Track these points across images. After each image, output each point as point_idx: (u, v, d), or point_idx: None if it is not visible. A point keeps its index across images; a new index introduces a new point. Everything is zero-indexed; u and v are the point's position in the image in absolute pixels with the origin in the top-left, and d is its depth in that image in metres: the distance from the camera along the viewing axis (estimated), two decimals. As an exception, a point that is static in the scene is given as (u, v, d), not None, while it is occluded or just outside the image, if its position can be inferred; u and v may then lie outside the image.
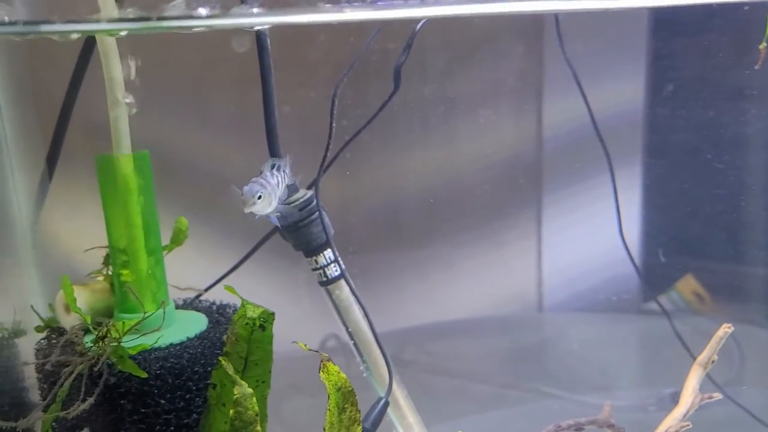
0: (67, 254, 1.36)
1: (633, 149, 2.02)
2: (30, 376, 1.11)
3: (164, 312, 1.02)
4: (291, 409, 1.62)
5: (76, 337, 0.93)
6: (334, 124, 1.17)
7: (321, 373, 0.90)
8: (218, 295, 1.27)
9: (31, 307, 1.08)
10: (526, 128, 2.05)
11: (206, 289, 1.23)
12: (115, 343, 0.90)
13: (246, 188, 1.00)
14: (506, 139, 2.05)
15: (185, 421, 1.04)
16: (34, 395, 1.08)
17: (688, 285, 2.00)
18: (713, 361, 1.00)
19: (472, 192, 2.02)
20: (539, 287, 2.15)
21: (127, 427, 1.01)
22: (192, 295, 1.25)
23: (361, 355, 1.24)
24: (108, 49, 1.03)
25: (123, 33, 1.01)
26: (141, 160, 1.07)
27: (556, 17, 1.49)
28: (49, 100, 1.23)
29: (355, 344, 1.24)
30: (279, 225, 1.14)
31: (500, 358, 1.91)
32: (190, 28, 1.00)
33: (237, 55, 1.19)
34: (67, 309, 1.09)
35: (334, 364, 0.91)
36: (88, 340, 1.06)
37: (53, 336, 1.10)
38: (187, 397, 1.03)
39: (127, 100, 1.03)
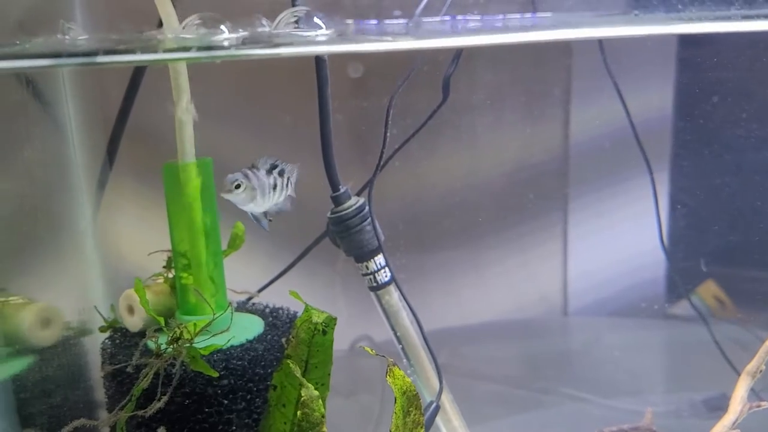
0: (118, 257, 1.39)
1: (660, 157, 2.04)
2: (93, 375, 1.14)
3: (231, 314, 1.05)
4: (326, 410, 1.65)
5: (153, 338, 0.96)
6: (388, 133, 1.19)
7: (387, 377, 0.93)
8: (265, 298, 1.30)
9: (95, 308, 1.11)
10: (554, 133, 2.07)
11: (259, 291, 1.26)
12: (188, 344, 0.94)
13: (229, 175, 0.98)
14: (533, 143, 2.07)
15: (246, 421, 1.07)
16: (98, 394, 1.11)
17: (709, 290, 2.02)
18: (761, 371, 1.03)
19: (498, 196, 2.05)
20: (564, 291, 2.18)
21: (191, 426, 1.04)
22: (239, 298, 1.28)
23: (408, 359, 1.27)
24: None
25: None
26: (204, 166, 1.10)
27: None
28: (111, 100, 1.26)
29: (403, 348, 1.27)
30: (267, 229, 1.08)
31: (528, 361, 1.93)
32: (248, 56, 1.02)
33: (292, 64, 1.22)
34: (130, 310, 1.12)
35: (400, 369, 0.94)
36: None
37: (116, 336, 1.13)
38: (248, 398, 1.07)
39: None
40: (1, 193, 0.93)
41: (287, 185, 1.04)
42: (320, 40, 0.98)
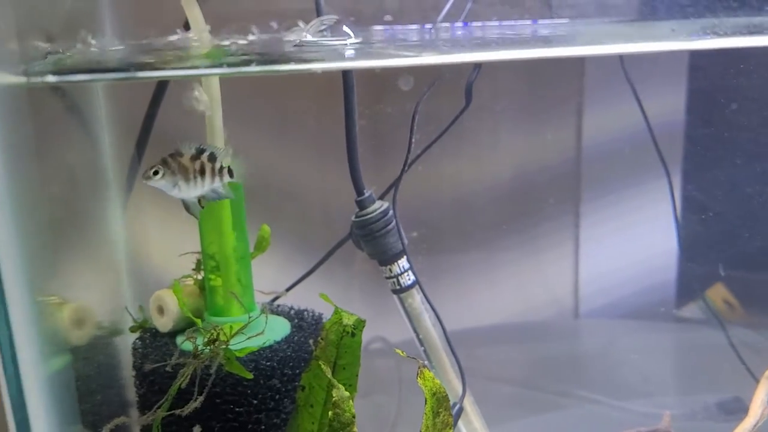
0: (145, 258, 1.41)
1: (673, 161, 2.05)
2: (124, 375, 1.16)
3: (266, 317, 1.07)
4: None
5: (192, 339, 0.98)
6: (413, 139, 1.21)
7: (418, 378, 0.95)
8: (283, 300, 1.32)
9: (126, 308, 1.13)
10: (567, 137, 2.09)
11: (287, 289, 1.28)
12: (225, 346, 0.96)
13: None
14: (545, 147, 2.09)
15: (274, 421, 1.09)
16: (129, 393, 1.13)
17: (718, 293, 2.03)
18: (781, 375, 1.05)
19: (510, 199, 2.06)
20: (575, 294, 2.19)
21: (220, 426, 1.06)
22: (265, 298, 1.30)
23: (430, 361, 1.29)
24: (209, 65, 1.08)
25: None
26: (233, 170, 1.12)
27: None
28: (139, 103, 1.28)
29: (425, 350, 1.29)
30: (197, 217, 1.03)
31: (542, 363, 1.95)
32: (277, 72, 1.03)
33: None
34: (160, 311, 1.14)
35: (430, 370, 0.96)
36: (180, 341, 1.11)
37: (146, 336, 1.15)
38: (277, 398, 1.09)
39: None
40: (45, 198, 0.95)
41: (221, 171, 0.98)
42: (348, 53, 1.00)
